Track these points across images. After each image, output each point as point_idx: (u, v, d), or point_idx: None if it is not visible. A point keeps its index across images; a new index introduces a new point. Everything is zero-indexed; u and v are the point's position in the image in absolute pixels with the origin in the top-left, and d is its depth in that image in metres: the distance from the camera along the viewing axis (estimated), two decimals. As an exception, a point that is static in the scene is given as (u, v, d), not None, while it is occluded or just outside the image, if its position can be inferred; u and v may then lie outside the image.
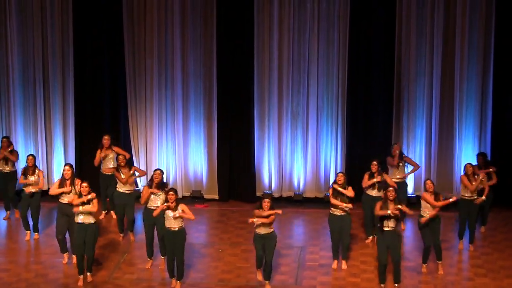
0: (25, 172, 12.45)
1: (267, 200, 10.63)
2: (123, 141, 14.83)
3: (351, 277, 11.13)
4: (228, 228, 13.22)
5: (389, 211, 10.48)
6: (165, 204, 10.53)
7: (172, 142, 14.78)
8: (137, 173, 12.80)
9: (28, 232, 12.60)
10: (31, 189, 12.41)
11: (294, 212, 13.76)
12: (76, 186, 11.41)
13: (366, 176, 12.18)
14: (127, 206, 12.41)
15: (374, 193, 12.15)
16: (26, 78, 14.73)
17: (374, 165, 12.12)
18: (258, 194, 14.44)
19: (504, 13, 13.72)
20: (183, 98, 14.61)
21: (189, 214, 10.67)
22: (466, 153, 14.21)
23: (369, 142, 14.39)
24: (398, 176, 12.81)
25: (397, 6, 13.90)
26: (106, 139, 13.15)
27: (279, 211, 10.64)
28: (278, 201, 14.56)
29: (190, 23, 14.30)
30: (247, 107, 14.54)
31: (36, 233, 12.66)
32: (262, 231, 10.58)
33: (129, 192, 12.44)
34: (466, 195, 12.04)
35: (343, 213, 11.29)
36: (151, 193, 11.36)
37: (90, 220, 10.80)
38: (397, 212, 10.49)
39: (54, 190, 11.63)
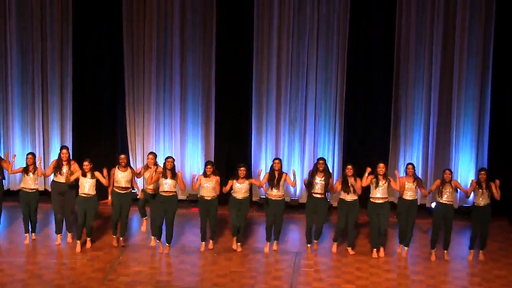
0: (26, 171, 12.46)
1: (243, 168, 12.15)
2: (120, 141, 14.87)
3: (346, 284, 11.14)
4: (224, 232, 13.22)
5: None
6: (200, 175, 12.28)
7: (170, 144, 14.80)
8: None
9: (27, 235, 12.56)
10: (27, 188, 12.43)
11: (290, 218, 13.76)
12: (72, 166, 12.41)
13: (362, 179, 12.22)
14: (123, 208, 12.40)
15: (348, 197, 12.19)
16: (24, 79, 14.76)
17: (350, 169, 12.16)
18: (254, 199, 14.42)
19: (504, 20, 13.76)
20: (181, 100, 14.64)
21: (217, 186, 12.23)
22: (463, 161, 14.25)
23: (366, 148, 14.41)
24: (377, 196, 12.22)
25: (397, 12, 13.95)
26: (150, 158, 12.69)
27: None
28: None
29: (189, 27, 14.33)
30: (245, 111, 14.59)
31: (34, 234, 12.66)
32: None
33: (124, 192, 12.39)
34: (442, 199, 12.00)
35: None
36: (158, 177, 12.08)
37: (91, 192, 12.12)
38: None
39: (49, 171, 12.51)
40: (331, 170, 14.41)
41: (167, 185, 12.07)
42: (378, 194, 12.20)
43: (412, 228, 12.29)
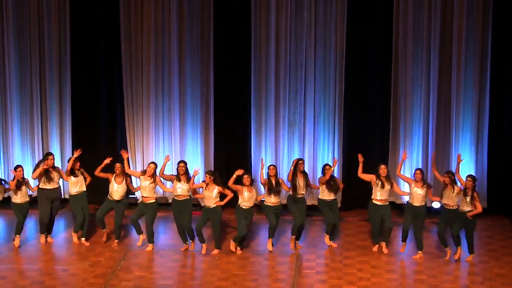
0: (18, 184, 12.48)
1: (247, 175, 12.39)
2: (119, 146, 14.84)
3: (348, 285, 11.14)
4: (225, 235, 13.21)
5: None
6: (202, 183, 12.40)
7: (169, 148, 14.80)
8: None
9: (18, 236, 12.65)
10: (17, 200, 12.53)
11: (290, 220, 13.75)
12: (58, 171, 12.76)
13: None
14: (115, 213, 12.68)
15: (328, 196, 12.63)
16: (22, 84, 14.73)
17: (328, 169, 12.49)
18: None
19: (501, 20, 13.75)
20: (180, 104, 14.63)
21: (229, 193, 12.34)
22: (463, 161, 14.20)
23: (365, 149, 14.36)
24: (381, 198, 12.33)
25: (394, 14, 13.95)
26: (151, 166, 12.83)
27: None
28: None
29: (187, 30, 14.33)
30: (244, 114, 14.58)
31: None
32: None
33: (117, 201, 12.62)
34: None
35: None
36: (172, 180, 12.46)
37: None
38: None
39: (36, 175, 12.60)
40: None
41: (180, 189, 12.29)
42: (380, 196, 12.27)
43: (421, 231, 12.27)
